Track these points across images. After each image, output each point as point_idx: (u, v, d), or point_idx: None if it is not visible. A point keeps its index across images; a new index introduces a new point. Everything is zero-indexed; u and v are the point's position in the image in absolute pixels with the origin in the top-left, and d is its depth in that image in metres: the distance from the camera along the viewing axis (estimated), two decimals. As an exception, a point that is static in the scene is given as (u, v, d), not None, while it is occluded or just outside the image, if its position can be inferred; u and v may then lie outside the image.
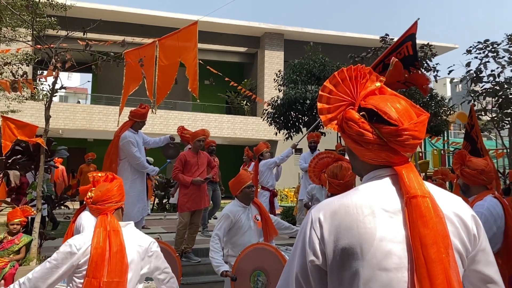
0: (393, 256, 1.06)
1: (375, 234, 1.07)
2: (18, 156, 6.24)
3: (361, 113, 1.15)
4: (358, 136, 1.14)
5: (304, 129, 10.38)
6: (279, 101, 10.33)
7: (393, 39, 7.83)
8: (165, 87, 6.30)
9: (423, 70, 8.18)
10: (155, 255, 2.33)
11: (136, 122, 5.49)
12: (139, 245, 2.26)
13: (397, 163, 1.16)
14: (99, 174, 2.50)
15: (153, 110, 6.12)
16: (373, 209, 1.11)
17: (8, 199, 7.38)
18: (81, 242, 2.17)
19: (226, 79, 10.71)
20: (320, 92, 1.25)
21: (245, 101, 20.85)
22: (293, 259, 1.19)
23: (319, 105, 1.24)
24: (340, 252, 1.09)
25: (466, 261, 1.13)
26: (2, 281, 4.56)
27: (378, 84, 1.21)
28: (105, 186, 2.34)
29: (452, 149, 12.97)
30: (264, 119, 10.95)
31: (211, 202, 7.36)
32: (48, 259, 2.19)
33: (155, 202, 12.24)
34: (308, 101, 9.60)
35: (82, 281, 2.13)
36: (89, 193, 2.32)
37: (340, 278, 1.09)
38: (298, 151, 18.70)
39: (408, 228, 1.08)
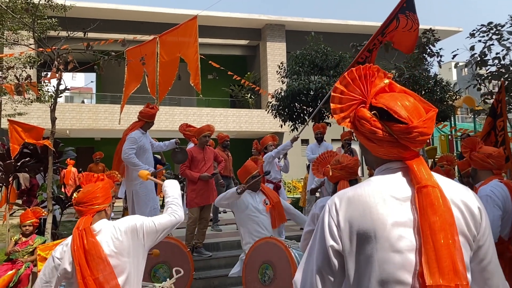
0: (404, 239, 1.15)
1: (387, 219, 1.16)
2: (26, 159, 6.32)
3: (372, 112, 1.23)
4: (371, 134, 1.23)
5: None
6: (282, 93, 10.30)
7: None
8: (167, 83, 6.31)
9: (426, 55, 8.11)
10: (145, 227, 2.32)
11: (146, 122, 5.48)
12: (117, 237, 2.26)
13: (408, 158, 1.24)
14: (82, 178, 2.46)
15: (157, 106, 6.14)
16: (385, 197, 1.19)
17: (20, 201, 7.48)
18: (61, 252, 2.24)
19: (229, 73, 10.70)
20: (332, 93, 1.31)
21: (249, 94, 20.82)
22: (313, 249, 1.28)
23: (332, 105, 1.30)
24: (356, 237, 1.18)
25: (473, 245, 1.20)
26: None
27: (386, 81, 1.27)
28: (88, 187, 2.33)
29: (460, 134, 12.86)
30: (268, 111, 10.93)
31: None
32: (39, 274, 2.27)
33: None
34: (312, 92, 9.56)
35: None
36: (75, 194, 2.33)
37: (356, 262, 1.19)
38: (305, 142, 18.71)
39: (417, 215, 1.16)
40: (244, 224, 4.07)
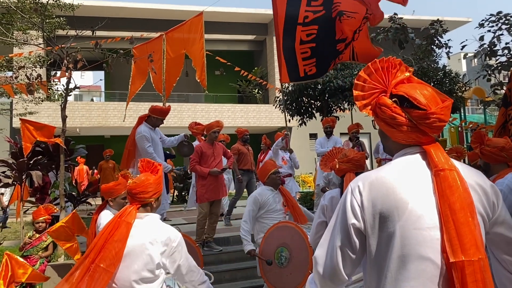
0: (425, 217, 1.23)
1: (409, 199, 1.25)
2: (39, 157, 6.42)
3: (393, 99, 1.33)
4: (391, 119, 1.33)
5: (317, 114, 10.32)
6: (290, 88, 10.29)
7: (401, 18, 7.66)
8: (172, 80, 6.35)
9: (434, 47, 8.03)
10: (173, 250, 2.32)
11: (151, 116, 5.45)
12: (153, 238, 2.26)
13: (425, 143, 1.34)
14: (139, 165, 2.52)
15: (164, 104, 6.19)
16: (405, 178, 1.29)
17: (33, 199, 7.61)
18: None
19: (236, 68, 10.69)
20: (355, 81, 1.41)
21: (257, 90, 20.80)
22: (333, 229, 1.38)
23: (354, 92, 1.41)
24: (379, 217, 1.27)
25: (488, 223, 1.30)
26: None
27: (407, 74, 1.37)
28: (142, 177, 2.38)
29: (470, 126, 12.72)
30: (276, 106, 10.93)
31: (245, 190, 7.51)
32: None
33: (175, 194, 12.44)
34: (319, 86, 9.53)
35: None
36: (130, 180, 2.41)
37: (378, 239, 1.28)
38: (313, 136, 18.65)
39: (437, 196, 1.25)
40: (261, 220, 4.15)
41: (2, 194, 9.49)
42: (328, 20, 5.22)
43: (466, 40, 7.09)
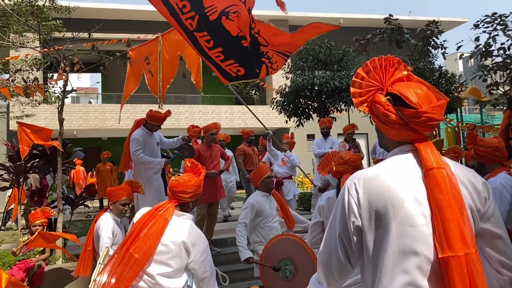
0: (419, 214, 1.27)
1: (403, 197, 1.28)
2: (36, 160, 6.40)
3: (386, 97, 1.36)
4: (384, 116, 1.36)
5: (314, 115, 10.35)
6: (287, 89, 10.31)
7: (397, 19, 7.69)
8: (167, 82, 6.36)
9: (430, 48, 8.07)
10: (200, 254, 2.36)
11: (147, 121, 5.47)
12: (185, 238, 2.31)
13: (417, 140, 1.37)
14: (188, 164, 2.60)
15: (160, 106, 6.20)
16: (400, 177, 1.32)
17: (27, 201, 7.58)
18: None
19: (233, 70, 10.70)
20: (353, 78, 1.44)
21: (254, 91, 20.80)
22: (334, 224, 1.42)
23: (352, 89, 1.44)
24: (375, 214, 1.30)
25: (478, 219, 1.33)
26: None
27: (405, 72, 1.40)
28: (184, 177, 2.46)
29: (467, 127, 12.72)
30: (273, 107, 10.95)
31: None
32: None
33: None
34: (316, 87, 9.56)
35: None
36: (172, 177, 2.48)
37: (375, 235, 1.31)
38: (311, 137, 18.67)
39: (427, 194, 1.29)
40: (257, 228, 4.13)
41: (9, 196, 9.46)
42: (210, 23, 4.76)
43: (462, 40, 7.13)
